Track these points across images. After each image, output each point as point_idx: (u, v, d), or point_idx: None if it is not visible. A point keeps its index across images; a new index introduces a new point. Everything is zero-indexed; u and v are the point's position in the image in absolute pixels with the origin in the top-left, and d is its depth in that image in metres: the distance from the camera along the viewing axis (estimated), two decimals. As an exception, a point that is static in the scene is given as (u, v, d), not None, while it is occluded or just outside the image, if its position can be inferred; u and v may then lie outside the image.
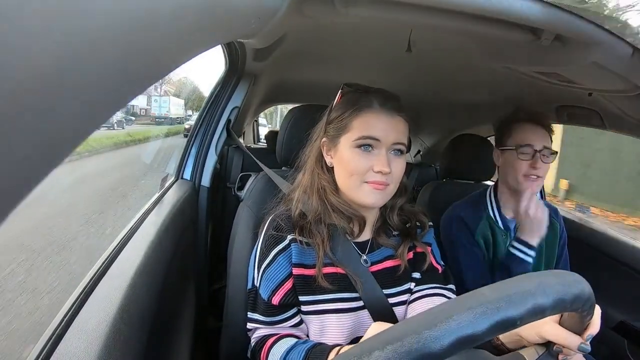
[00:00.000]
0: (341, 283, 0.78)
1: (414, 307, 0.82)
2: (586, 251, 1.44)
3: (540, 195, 1.74)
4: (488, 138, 1.67)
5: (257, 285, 0.80)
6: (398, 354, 0.36)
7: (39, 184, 0.18)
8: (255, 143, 3.83)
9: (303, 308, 0.79)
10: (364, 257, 0.82)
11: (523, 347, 0.61)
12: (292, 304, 0.79)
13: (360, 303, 0.79)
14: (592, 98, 1.08)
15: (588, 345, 0.54)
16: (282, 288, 0.78)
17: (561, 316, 0.56)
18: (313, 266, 0.78)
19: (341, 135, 0.78)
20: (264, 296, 0.79)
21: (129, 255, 0.74)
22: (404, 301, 0.83)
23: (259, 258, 0.81)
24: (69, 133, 0.19)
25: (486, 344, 0.64)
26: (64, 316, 0.55)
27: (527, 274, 0.44)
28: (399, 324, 0.41)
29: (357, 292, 0.79)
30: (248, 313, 0.82)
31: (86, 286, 0.63)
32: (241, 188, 1.93)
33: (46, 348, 0.50)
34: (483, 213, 1.23)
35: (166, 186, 1.21)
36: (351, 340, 0.78)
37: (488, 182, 1.67)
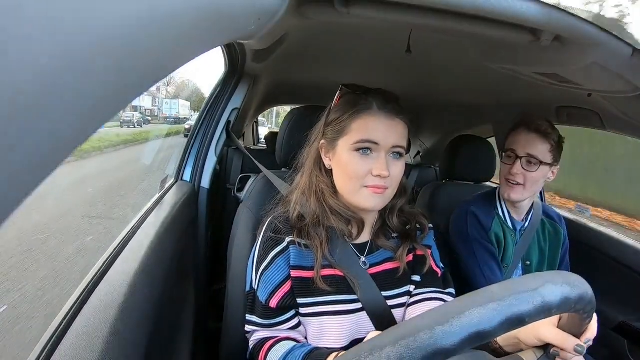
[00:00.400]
0: (340, 285, 0.78)
1: (412, 311, 0.82)
2: (586, 252, 1.43)
3: (540, 197, 1.74)
4: (488, 139, 1.67)
5: (255, 287, 0.80)
6: (410, 350, 0.36)
7: (40, 185, 0.18)
8: (254, 144, 3.84)
9: (301, 310, 0.78)
10: (363, 259, 0.82)
11: (521, 350, 0.61)
12: (290, 307, 0.78)
13: (359, 305, 0.79)
14: (592, 99, 1.08)
15: (584, 347, 0.54)
16: (280, 290, 0.78)
17: (560, 319, 0.56)
18: (311, 268, 0.77)
19: (340, 138, 0.78)
20: (262, 299, 0.78)
21: (129, 256, 0.74)
22: (403, 303, 0.83)
23: (257, 260, 0.81)
24: (69, 134, 0.19)
25: (484, 347, 0.64)
26: (64, 317, 0.55)
27: (534, 274, 0.44)
28: (411, 320, 0.41)
29: (356, 295, 0.78)
30: (246, 315, 0.82)
31: (86, 287, 0.63)
32: (241, 189, 1.93)
33: (46, 349, 0.50)
34: (494, 212, 1.24)
35: (166, 187, 1.21)
36: (350, 342, 0.78)
37: (488, 183, 1.67)
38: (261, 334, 0.80)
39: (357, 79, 0.88)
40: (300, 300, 0.78)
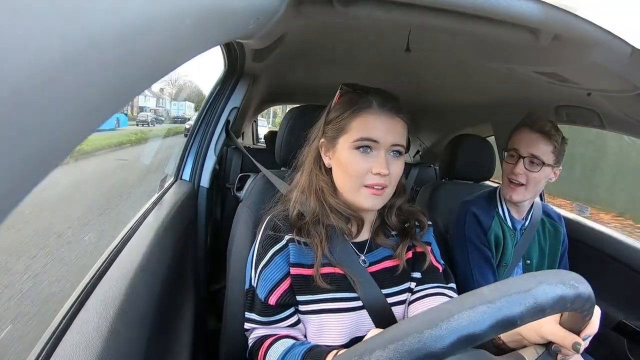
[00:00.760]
0: (340, 283, 0.78)
1: (416, 307, 0.82)
2: (586, 251, 1.44)
3: (540, 196, 1.74)
4: (487, 138, 1.67)
5: (255, 285, 0.80)
6: (399, 354, 0.36)
7: (38, 184, 0.18)
8: (254, 143, 3.84)
9: (301, 308, 0.79)
10: (362, 257, 0.82)
11: (524, 347, 0.61)
12: (289, 304, 0.78)
13: (359, 303, 0.79)
14: (591, 98, 1.08)
15: (582, 344, 0.54)
16: (279, 288, 0.78)
17: (561, 316, 0.56)
18: (311, 266, 0.77)
19: (340, 136, 0.78)
20: (261, 296, 0.78)
21: (129, 255, 0.74)
22: (403, 301, 0.83)
23: (256, 258, 0.81)
24: (69, 133, 0.19)
25: (488, 343, 0.65)
26: (64, 317, 0.55)
27: (528, 274, 0.44)
28: (400, 324, 0.41)
29: (356, 292, 0.79)
30: (245, 313, 0.82)
31: (86, 287, 0.63)
32: (240, 188, 1.94)
33: (46, 348, 0.50)
34: (494, 211, 1.24)
35: (165, 187, 1.20)
36: (350, 340, 0.78)
37: (487, 182, 1.67)
38: (260, 332, 0.80)
39: (357, 78, 0.88)
40: (299, 297, 0.78)
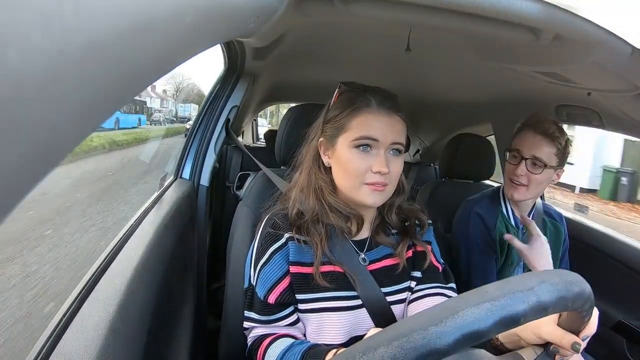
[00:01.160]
0: (339, 281, 0.78)
1: (415, 307, 0.82)
2: (585, 251, 1.44)
3: (540, 197, 1.74)
4: (487, 137, 1.67)
5: (254, 283, 0.80)
6: (404, 350, 0.36)
7: (38, 184, 0.18)
8: (254, 142, 3.84)
9: (301, 306, 0.79)
10: (362, 256, 0.82)
11: (522, 348, 0.61)
12: (289, 303, 0.78)
13: (358, 302, 0.79)
14: (592, 98, 1.08)
15: (581, 344, 0.54)
16: (278, 287, 0.78)
17: (560, 316, 0.56)
18: (311, 264, 0.77)
19: (339, 135, 0.78)
20: (260, 295, 0.78)
21: (128, 254, 0.74)
22: (403, 299, 0.83)
23: (255, 257, 0.81)
24: (69, 131, 0.19)
25: (485, 344, 0.65)
26: (63, 315, 0.55)
27: (530, 272, 0.44)
28: (405, 320, 0.41)
29: (356, 291, 0.79)
30: (244, 312, 0.82)
31: (85, 285, 0.63)
32: (240, 187, 1.94)
33: (45, 347, 0.49)
34: (498, 210, 1.24)
35: (165, 185, 1.20)
36: (349, 339, 0.78)
37: (487, 182, 1.67)
38: (259, 331, 0.80)
39: (357, 77, 0.88)
40: (299, 296, 0.78)
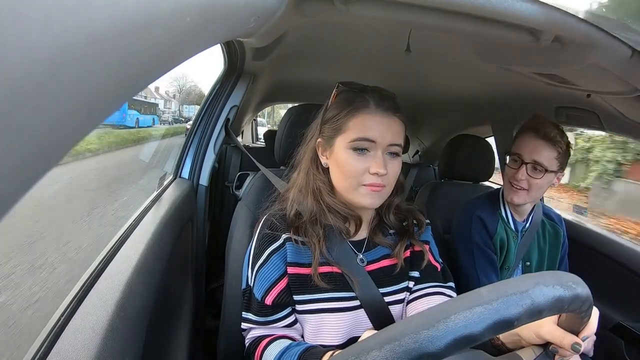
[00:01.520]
0: (337, 282, 0.78)
1: (414, 307, 0.82)
2: (584, 252, 1.44)
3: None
4: (487, 139, 1.67)
5: (251, 284, 0.80)
6: (396, 354, 0.36)
7: (36, 183, 0.18)
8: (253, 142, 3.84)
9: (299, 307, 0.78)
10: (360, 256, 0.82)
11: (522, 348, 0.61)
12: (286, 304, 0.78)
13: (356, 302, 0.79)
14: (591, 99, 1.08)
15: (581, 344, 0.54)
16: (276, 288, 0.77)
17: (559, 317, 0.56)
18: (308, 265, 0.77)
19: (336, 136, 0.77)
20: (257, 296, 0.78)
21: (127, 253, 0.73)
22: (401, 300, 0.83)
23: (253, 257, 0.80)
24: (69, 130, 0.19)
25: (486, 344, 0.65)
26: (62, 314, 0.55)
27: (526, 275, 0.44)
28: (397, 324, 0.41)
29: (354, 292, 0.78)
30: (242, 313, 0.81)
31: (84, 284, 0.63)
32: (239, 187, 1.94)
33: (44, 346, 0.49)
34: (498, 213, 1.24)
35: (164, 184, 1.20)
36: (347, 339, 0.78)
37: (486, 183, 1.67)
38: (257, 332, 0.80)
39: (357, 78, 0.88)
40: (297, 297, 0.78)
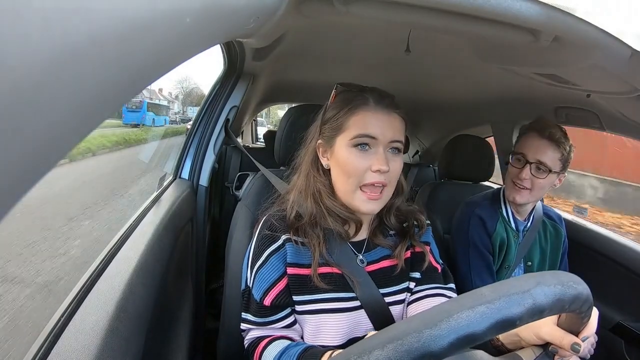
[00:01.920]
0: (337, 283, 0.78)
1: (415, 308, 0.82)
2: (584, 252, 1.44)
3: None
4: (486, 139, 1.67)
5: (250, 285, 0.80)
6: (398, 353, 0.36)
7: (36, 184, 0.18)
8: (253, 142, 3.84)
9: (298, 308, 0.78)
10: (360, 257, 0.82)
11: (522, 348, 0.61)
12: (285, 305, 0.78)
13: (356, 303, 0.78)
14: (591, 99, 1.08)
15: (581, 345, 0.54)
16: (275, 289, 0.77)
17: (559, 317, 0.56)
18: (308, 266, 0.77)
19: (337, 135, 0.77)
20: (256, 297, 0.78)
21: (127, 254, 0.73)
22: (401, 300, 0.83)
23: (252, 258, 0.80)
24: (69, 130, 0.19)
25: (486, 344, 0.65)
26: (62, 315, 0.55)
27: (527, 275, 0.44)
28: (399, 323, 0.41)
29: (354, 292, 0.78)
30: (242, 314, 0.81)
31: (84, 285, 0.63)
32: (239, 187, 1.94)
33: (44, 347, 0.49)
34: (498, 213, 1.24)
35: (164, 185, 1.20)
36: (347, 340, 0.78)
37: (486, 183, 1.67)
38: (256, 333, 0.80)
39: (356, 78, 0.88)
40: (296, 297, 0.78)
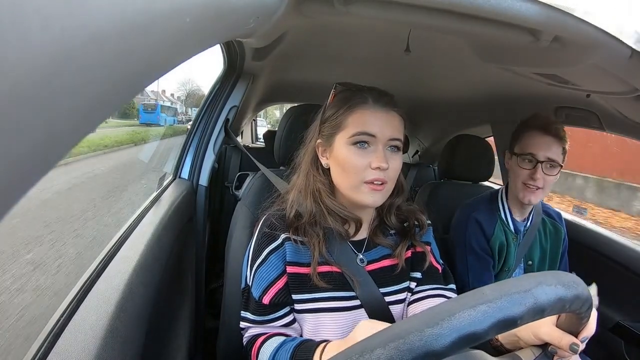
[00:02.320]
0: (337, 282, 0.78)
1: (415, 308, 0.82)
2: (584, 252, 1.44)
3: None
4: (486, 139, 1.67)
5: (250, 284, 0.80)
6: (400, 352, 0.36)
7: (35, 184, 0.18)
8: (253, 142, 3.84)
9: (298, 307, 0.78)
10: (360, 256, 0.82)
11: (521, 348, 0.61)
12: (284, 303, 0.78)
13: (356, 302, 0.79)
14: (591, 99, 1.08)
15: (580, 345, 0.54)
16: (274, 287, 0.77)
17: (558, 317, 0.56)
18: (308, 264, 0.77)
19: (336, 134, 0.77)
20: (255, 295, 0.78)
21: (127, 254, 0.73)
22: (402, 300, 0.83)
23: (252, 257, 0.81)
24: (69, 130, 0.19)
25: (485, 344, 0.65)
26: (62, 314, 0.55)
27: (527, 274, 0.44)
28: (401, 322, 0.41)
29: (354, 291, 0.78)
30: (241, 312, 0.82)
31: (83, 285, 0.63)
32: (239, 187, 1.94)
33: (44, 346, 0.49)
34: (496, 215, 1.23)
35: (164, 185, 1.20)
36: None
37: (485, 183, 1.67)
38: (254, 331, 0.80)
39: (356, 78, 0.88)
40: (296, 296, 0.78)
